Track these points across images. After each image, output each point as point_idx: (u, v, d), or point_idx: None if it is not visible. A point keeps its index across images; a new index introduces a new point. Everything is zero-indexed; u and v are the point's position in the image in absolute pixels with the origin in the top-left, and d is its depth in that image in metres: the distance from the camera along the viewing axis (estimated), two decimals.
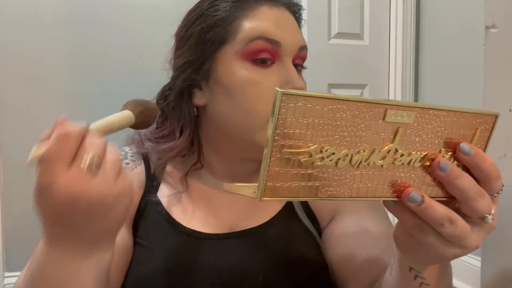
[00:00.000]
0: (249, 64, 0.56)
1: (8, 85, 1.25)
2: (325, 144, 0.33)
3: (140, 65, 1.36)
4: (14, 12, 1.26)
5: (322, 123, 0.32)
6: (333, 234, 0.61)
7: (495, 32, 0.63)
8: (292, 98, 0.30)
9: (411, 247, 0.39)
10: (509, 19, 0.61)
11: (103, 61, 1.35)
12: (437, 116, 0.35)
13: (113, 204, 0.36)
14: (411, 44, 1.77)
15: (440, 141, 0.36)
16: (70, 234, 0.37)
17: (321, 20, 1.69)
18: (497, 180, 0.37)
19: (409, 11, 1.76)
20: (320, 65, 1.70)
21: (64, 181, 0.34)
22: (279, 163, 0.32)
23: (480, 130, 0.38)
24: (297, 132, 0.31)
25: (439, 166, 0.35)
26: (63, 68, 1.32)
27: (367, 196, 0.36)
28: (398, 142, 0.35)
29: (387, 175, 0.36)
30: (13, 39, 1.26)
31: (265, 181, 0.32)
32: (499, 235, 0.59)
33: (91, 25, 1.34)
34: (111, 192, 0.36)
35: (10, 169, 1.27)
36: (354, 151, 0.34)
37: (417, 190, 0.35)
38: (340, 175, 0.34)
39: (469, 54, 1.53)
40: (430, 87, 1.76)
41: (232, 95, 0.56)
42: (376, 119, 0.33)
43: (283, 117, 0.31)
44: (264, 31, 0.56)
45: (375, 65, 1.81)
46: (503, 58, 0.63)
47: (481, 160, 0.36)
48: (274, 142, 0.31)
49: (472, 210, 0.36)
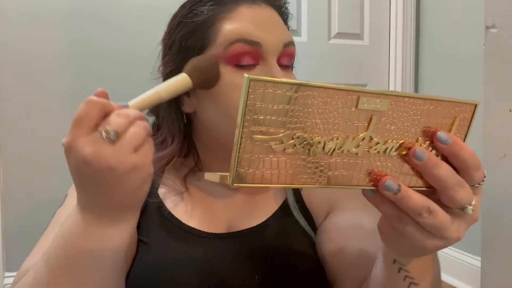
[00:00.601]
0: (231, 67, 0.54)
1: (8, 85, 1.25)
2: (297, 131, 0.32)
3: (140, 65, 1.36)
4: (14, 12, 1.26)
5: (292, 110, 0.32)
6: (326, 230, 0.61)
7: (495, 32, 0.63)
8: (261, 84, 0.30)
9: (393, 238, 0.39)
10: (509, 19, 0.61)
11: (103, 61, 1.35)
12: (413, 104, 0.35)
13: (123, 176, 0.37)
14: (411, 44, 1.77)
15: (417, 130, 0.36)
16: (92, 198, 0.39)
17: (321, 20, 1.69)
18: (477, 170, 0.36)
19: (409, 11, 1.76)
20: (320, 65, 1.70)
21: (81, 143, 0.36)
22: (250, 150, 0.31)
23: (459, 119, 0.37)
24: (267, 119, 0.31)
25: (415, 154, 0.35)
26: (63, 68, 1.32)
27: (342, 184, 0.35)
28: (372, 130, 0.34)
29: (363, 163, 0.35)
30: (13, 39, 1.26)
31: (236, 167, 0.31)
32: (499, 235, 0.59)
33: (91, 25, 1.34)
34: (122, 164, 0.37)
35: (10, 169, 1.27)
36: (327, 139, 0.33)
37: (394, 179, 0.34)
38: (313, 163, 0.34)
39: (469, 54, 1.53)
40: (430, 87, 1.76)
41: (217, 101, 0.55)
42: (349, 106, 0.33)
43: (252, 103, 0.30)
44: (243, 33, 0.54)
45: (375, 65, 1.80)
46: (503, 58, 0.63)
47: (459, 149, 0.35)
48: (243, 128, 0.31)
49: (451, 200, 0.35)
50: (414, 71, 1.80)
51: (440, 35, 1.70)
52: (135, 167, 0.38)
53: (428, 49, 1.76)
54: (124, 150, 0.37)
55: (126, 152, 0.37)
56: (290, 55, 0.59)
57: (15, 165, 1.27)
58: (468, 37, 1.54)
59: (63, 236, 0.42)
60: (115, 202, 0.40)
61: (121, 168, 0.37)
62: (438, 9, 1.71)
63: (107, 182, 0.37)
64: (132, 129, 0.38)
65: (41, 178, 1.29)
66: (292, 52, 0.59)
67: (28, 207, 1.30)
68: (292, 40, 0.59)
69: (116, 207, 0.40)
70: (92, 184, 0.38)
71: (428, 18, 1.76)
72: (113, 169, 0.36)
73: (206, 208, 0.62)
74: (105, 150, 0.36)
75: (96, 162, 0.36)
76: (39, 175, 1.29)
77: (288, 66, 0.59)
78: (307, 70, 1.67)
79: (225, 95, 0.54)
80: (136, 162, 0.38)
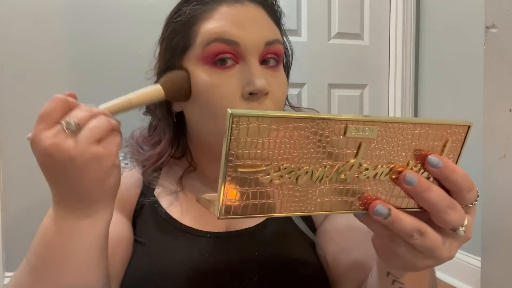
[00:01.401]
0: (209, 67, 0.54)
1: (8, 85, 1.25)
2: (283, 162, 0.32)
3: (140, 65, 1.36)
4: (14, 12, 1.26)
5: (279, 142, 0.31)
6: (326, 231, 0.61)
7: (495, 32, 0.63)
8: (244, 118, 0.29)
9: (385, 254, 0.39)
10: (509, 19, 0.61)
11: (103, 60, 1.35)
12: (403, 129, 0.34)
13: (84, 166, 0.38)
14: (411, 44, 1.77)
15: (408, 153, 0.35)
16: (60, 191, 0.40)
17: (321, 20, 1.69)
18: (469, 192, 0.36)
19: (409, 11, 1.76)
20: (320, 65, 1.70)
21: (44, 136, 0.38)
22: (235, 183, 0.31)
23: (451, 140, 0.36)
24: (253, 152, 0.31)
25: (405, 180, 0.34)
26: (63, 68, 1.32)
27: (332, 210, 0.35)
28: (361, 157, 0.34)
29: (353, 189, 0.35)
30: (13, 39, 1.26)
31: (222, 200, 0.31)
32: (499, 235, 0.59)
33: (91, 25, 1.34)
34: (82, 154, 0.37)
35: (10, 169, 1.27)
36: (315, 167, 0.33)
37: (384, 203, 0.34)
38: (301, 191, 0.33)
39: (469, 54, 1.53)
40: (430, 87, 1.76)
41: (197, 101, 0.55)
42: (337, 135, 0.32)
43: (236, 138, 0.30)
44: (220, 32, 0.53)
45: (375, 65, 1.80)
46: (503, 58, 0.63)
47: (450, 172, 0.35)
48: (228, 163, 0.30)
49: (442, 222, 0.35)
50: (414, 71, 1.80)
51: (440, 35, 1.70)
52: (96, 157, 0.38)
53: (428, 49, 1.76)
54: (84, 140, 0.38)
55: (86, 142, 0.38)
56: (275, 54, 0.56)
57: (15, 165, 1.27)
58: (468, 37, 1.54)
59: (40, 233, 0.42)
60: (82, 194, 0.40)
61: (81, 158, 0.37)
62: (438, 9, 1.71)
63: (70, 173, 0.38)
64: (94, 121, 0.39)
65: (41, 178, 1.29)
66: (277, 51, 0.56)
67: (28, 207, 1.30)
68: (278, 38, 0.57)
69: (85, 199, 0.40)
70: (56, 175, 0.39)
71: (428, 18, 1.76)
72: (73, 159, 0.37)
73: (203, 209, 0.62)
74: (66, 141, 0.37)
75: (57, 153, 0.37)
76: (39, 175, 1.29)
77: (275, 66, 0.57)
78: (307, 70, 1.67)
79: (204, 95, 0.54)
80: (97, 152, 0.38)
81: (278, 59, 0.57)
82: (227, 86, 0.53)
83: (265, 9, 0.57)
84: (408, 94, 1.79)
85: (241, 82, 0.53)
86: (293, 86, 1.65)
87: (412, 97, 1.80)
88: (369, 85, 1.81)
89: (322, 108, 1.69)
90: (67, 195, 0.40)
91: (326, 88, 1.72)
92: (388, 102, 1.84)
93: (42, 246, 0.41)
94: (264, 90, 0.52)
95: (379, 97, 1.82)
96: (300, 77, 1.66)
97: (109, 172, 0.40)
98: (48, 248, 0.41)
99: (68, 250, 0.41)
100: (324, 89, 1.72)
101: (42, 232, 0.42)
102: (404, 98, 1.79)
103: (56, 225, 0.41)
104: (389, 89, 1.83)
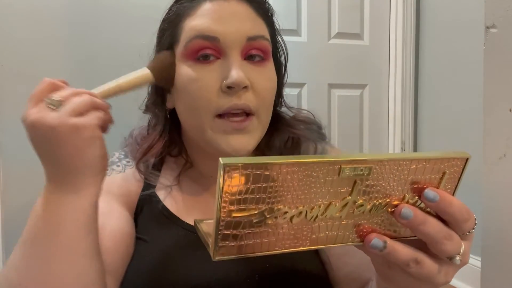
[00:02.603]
0: (193, 62, 0.55)
1: (8, 85, 1.25)
2: (277, 204, 0.32)
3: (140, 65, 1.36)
4: (14, 12, 1.26)
5: (272, 186, 0.31)
6: None
7: (495, 32, 0.63)
8: (237, 167, 0.29)
9: (383, 276, 0.39)
10: (509, 19, 0.61)
11: (103, 60, 1.34)
12: (399, 165, 0.34)
13: (66, 135, 0.41)
14: (411, 44, 1.77)
15: (404, 187, 0.35)
16: (47, 164, 0.44)
17: (321, 20, 1.69)
18: (466, 222, 0.36)
19: (409, 11, 1.76)
20: (320, 65, 1.70)
21: (30, 112, 0.42)
22: (230, 226, 0.31)
23: (448, 172, 0.36)
24: (246, 197, 0.31)
25: (401, 214, 0.35)
26: (63, 68, 1.32)
27: (328, 244, 0.35)
28: (356, 194, 0.34)
29: (348, 223, 0.35)
30: (13, 39, 1.26)
31: (217, 243, 0.32)
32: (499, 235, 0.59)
33: (91, 24, 1.34)
34: (63, 124, 0.41)
35: (10, 169, 1.27)
36: (309, 207, 0.33)
37: (380, 236, 0.35)
38: (296, 229, 0.33)
39: (469, 54, 1.53)
40: (430, 87, 1.76)
41: (181, 96, 0.57)
42: (331, 175, 0.32)
43: (229, 187, 0.30)
44: (200, 29, 0.54)
45: (375, 65, 1.80)
46: (503, 58, 0.63)
47: (447, 205, 0.35)
48: (222, 209, 0.30)
49: (439, 252, 0.36)
50: (414, 71, 1.80)
51: (440, 35, 1.70)
52: (75, 127, 0.41)
53: (428, 49, 1.76)
54: (65, 113, 0.41)
55: (67, 114, 0.41)
56: (259, 49, 0.56)
57: (15, 165, 1.27)
58: (468, 37, 1.54)
59: (33, 209, 0.44)
60: (65, 164, 0.42)
61: (61, 128, 0.41)
62: (438, 9, 1.71)
63: (52, 143, 0.41)
64: (76, 98, 0.43)
65: (41, 178, 1.29)
66: (262, 47, 0.57)
67: (28, 206, 1.29)
68: (262, 34, 0.57)
69: (69, 171, 0.43)
70: (42, 148, 0.43)
71: (428, 18, 1.76)
72: (54, 129, 0.41)
73: (203, 206, 0.63)
74: (48, 114, 0.41)
75: (40, 125, 0.41)
76: (39, 175, 1.29)
77: (261, 61, 0.57)
78: (307, 70, 1.67)
79: (185, 88, 0.56)
80: (77, 123, 0.41)
81: (264, 56, 0.57)
82: (206, 79, 0.54)
83: (251, 5, 0.58)
84: (408, 94, 1.79)
85: (220, 76, 0.54)
86: (293, 86, 1.65)
87: (412, 97, 1.80)
88: (369, 85, 1.81)
89: (322, 108, 1.69)
90: (53, 168, 0.43)
91: (326, 88, 1.72)
92: (388, 102, 1.83)
93: (32, 220, 0.43)
94: (241, 83, 0.53)
95: (379, 97, 1.82)
96: (300, 77, 1.66)
97: (89, 142, 0.42)
98: (37, 221, 0.43)
99: (54, 223, 0.42)
100: (324, 89, 1.72)
101: (33, 209, 0.44)
102: (404, 98, 1.78)
103: (44, 199, 0.43)
104: (389, 89, 1.83)
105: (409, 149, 1.80)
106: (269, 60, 0.59)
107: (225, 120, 0.54)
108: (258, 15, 0.58)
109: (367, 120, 1.80)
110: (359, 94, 1.79)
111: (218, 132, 0.55)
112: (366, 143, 1.81)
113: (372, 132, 1.82)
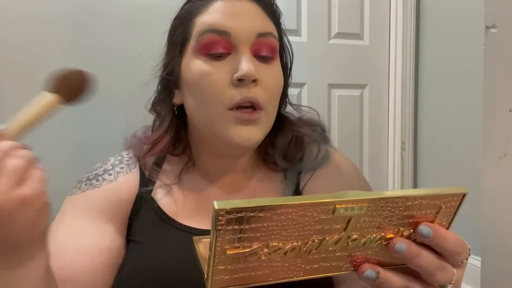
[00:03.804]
0: (204, 57, 0.56)
1: (8, 85, 1.25)
2: (271, 241, 0.32)
3: (140, 65, 1.36)
4: (14, 12, 1.26)
5: (267, 226, 0.31)
6: None
7: (495, 32, 0.63)
8: (231, 211, 0.30)
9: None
10: (509, 19, 0.61)
11: (103, 60, 1.34)
12: (395, 202, 0.34)
13: (13, 212, 0.35)
14: (411, 44, 1.77)
15: (399, 222, 0.35)
16: None
17: (321, 20, 1.69)
18: (460, 255, 0.37)
19: (409, 11, 1.76)
20: (320, 65, 1.70)
21: None
22: (224, 262, 0.32)
23: (444, 207, 0.36)
24: (240, 237, 0.31)
25: (395, 249, 0.35)
26: None
27: (321, 273, 0.36)
28: (350, 230, 0.34)
29: (342, 255, 0.35)
30: (13, 39, 1.26)
31: (212, 276, 0.32)
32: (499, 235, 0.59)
33: (91, 24, 1.34)
34: (8, 201, 0.34)
35: None
36: (303, 243, 0.33)
37: (373, 266, 0.35)
38: (290, 262, 0.34)
39: (469, 54, 1.53)
40: (430, 87, 1.76)
41: (191, 90, 0.58)
42: (326, 214, 0.32)
43: (223, 228, 0.30)
44: (212, 24, 0.56)
45: (375, 65, 1.80)
46: (503, 58, 0.63)
47: (441, 240, 0.35)
48: (217, 248, 0.31)
49: (432, 281, 0.36)
50: (414, 71, 1.80)
51: (440, 35, 1.70)
52: (24, 200, 0.35)
53: (428, 49, 1.76)
54: (5, 186, 0.34)
55: (8, 188, 0.35)
56: (269, 46, 0.58)
57: None
58: (468, 37, 1.54)
59: None
60: (13, 241, 0.37)
61: (7, 206, 0.34)
62: (438, 9, 1.70)
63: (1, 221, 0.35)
64: (10, 162, 0.36)
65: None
66: (271, 44, 0.58)
67: None
68: (271, 32, 0.59)
69: (16, 246, 0.37)
70: None
71: (428, 18, 1.76)
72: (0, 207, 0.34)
73: (203, 206, 0.63)
74: None
75: None
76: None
77: (270, 58, 0.59)
78: (307, 70, 1.67)
79: (196, 83, 0.56)
80: (24, 195, 0.35)
81: (272, 54, 0.59)
82: (217, 74, 0.55)
83: (260, 5, 0.60)
84: (408, 94, 1.79)
85: (231, 70, 0.55)
86: (293, 86, 1.64)
87: (412, 97, 1.80)
88: (369, 85, 1.81)
89: (322, 108, 1.69)
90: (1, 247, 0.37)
91: (326, 88, 1.72)
92: (388, 102, 1.83)
93: None
94: (251, 75, 0.54)
95: (379, 97, 1.82)
96: (300, 77, 1.66)
97: (40, 212, 0.37)
98: None
99: None
100: (324, 89, 1.72)
101: None
102: (404, 98, 1.78)
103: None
104: (389, 89, 1.83)
105: (409, 149, 1.80)
106: (276, 59, 0.61)
107: (237, 111, 0.55)
108: (267, 15, 0.60)
109: (367, 120, 1.80)
110: (359, 94, 1.79)
111: (230, 123, 0.56)
112: (366, 143, 1.81)
113: (372, 132, 1.82)
